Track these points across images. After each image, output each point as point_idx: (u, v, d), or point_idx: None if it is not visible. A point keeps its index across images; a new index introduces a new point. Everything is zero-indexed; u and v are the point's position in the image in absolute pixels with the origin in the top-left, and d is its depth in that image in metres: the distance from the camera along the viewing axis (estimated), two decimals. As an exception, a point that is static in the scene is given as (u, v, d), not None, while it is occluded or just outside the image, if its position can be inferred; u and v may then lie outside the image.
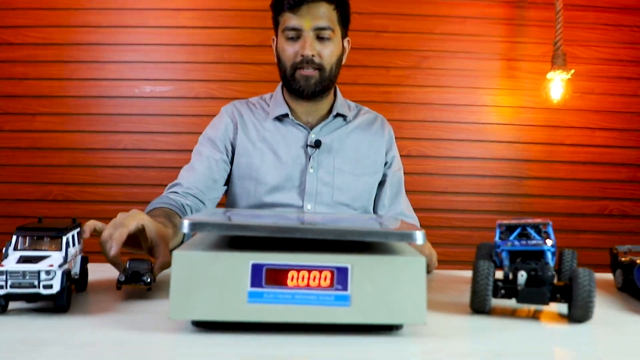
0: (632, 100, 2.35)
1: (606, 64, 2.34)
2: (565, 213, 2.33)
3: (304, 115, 1.41)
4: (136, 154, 2.32)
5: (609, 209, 2.35)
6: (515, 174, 2.34)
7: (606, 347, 0.66)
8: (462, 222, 2.32)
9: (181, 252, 0.65)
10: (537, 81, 2.26)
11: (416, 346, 0.64)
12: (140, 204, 2.29)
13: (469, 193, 2.33)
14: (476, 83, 2.32)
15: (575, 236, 2.32)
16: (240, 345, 0.62)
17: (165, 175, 2.28)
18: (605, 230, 2.35)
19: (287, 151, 1.37)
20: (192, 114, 2.28)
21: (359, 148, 1.41)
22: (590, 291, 0.73)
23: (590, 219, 2.35)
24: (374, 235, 0.65)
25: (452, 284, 1.01)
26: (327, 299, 0.64)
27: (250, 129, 1.40)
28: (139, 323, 0.70)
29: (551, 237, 0.83)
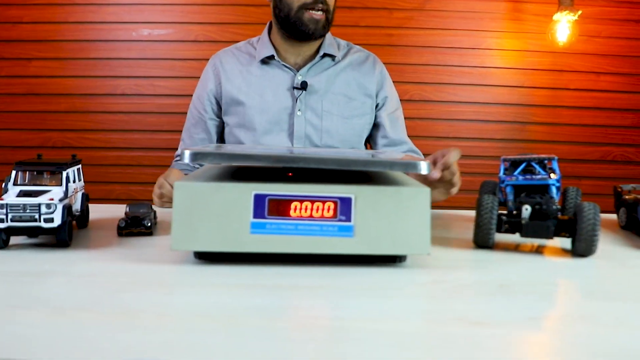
0: (638, 44, 2.30)
1: (614, 5, 2.28)
2: (568, 159, 2.31)
3: (292, 56, 1.38)
4: (135, 99, 2.29)
5: (612, 155, 2.34)
6: (518, 119, 2.31)
7: (609, 279, 0.66)
8: (464, 167, 2.28)
9: (183, 182, 0.64)
10: (542, 24, 2.20)
11: (420, 277, 0.64)
12: (141, 150, 2.28)
13: (471, 138, 2.31)
14: (480, 25, 2.27)
15: (578, 182, 2.31)
16: (242, 276, 0.62)
17: (165, 121, 2.26)
18: (608, 176, 2.34)
19: (273, 94, 1.35)
20: (191, 57, 2.24)
21: (348, 89, 1.38)
22: (594, 224, 0.72)
23: (593, 164, 2.34)
24: (379, 164, 0.64)
25: (456, 222, 1.00)
26: (331, 229, 0.64)
27: (235, 77, 1.38)
28: (142, 256, 0.70)
29: (556, 172, 0.82)
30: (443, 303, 0.54)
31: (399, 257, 0.67)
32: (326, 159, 0.63)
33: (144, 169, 2.30)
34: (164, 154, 2.23)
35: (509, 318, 0.50)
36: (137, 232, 0.83)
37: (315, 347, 0.43)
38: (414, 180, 0.74)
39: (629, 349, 0.44)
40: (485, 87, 2.29)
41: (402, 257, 0.68)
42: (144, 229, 0.83)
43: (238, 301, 0.53)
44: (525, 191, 0.80)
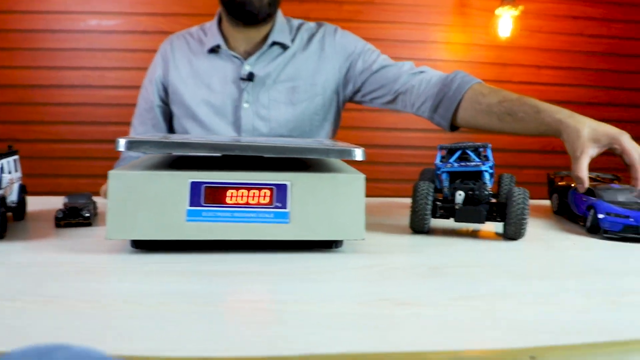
0: (578, 40, 2.39)
1: (554, 2, 2.36)
2: (511, 149, 2.38)
3: (242, 44, 1.32)
4: (83, 91, 2.25)
5: (552, 145, 2.42)
6: (465, 111, 2.36)
7: (536, 260, 0.69)
8: (412, 157, 2.35)
9: (117, 172, 0.64)
10: (487, 18, 2.26)
11: (354, 261, 0.65)
12: (90, 143, 2.24)
13: (419, 129, 2.35)
14: (428, 19, 2.31)
15: (519, 171, 2.38)
16: (178, 263, 0.62)
17: (115, 113, 2.23)
18: (548, 165, 2.41)
19: (220, 86, 1.30)
20: (140, 48, 2.21)
21: (298, 73, 1.31)
22: (523, 208, 0.76)
23: (534, 154, 2.41)
24: (314, 152, 0.65)
25: (396, 209, 1.03)
26: (267, 216, 0.65)
27: (183, 65, 1.34)
28: (79, 246, 0.70)
29: (489, 158, 0.85)
30: (373, 286, 0.56)
31: (335, 242, 0.69)
32: (262, 146, 0.64)
33: (93, 162, 2.26)
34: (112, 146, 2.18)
35: (434, 298, 0.52)
36: (75, 223, 0.82)
37: (249, 331, 0.43)
38: (348, 165, 0.76)
39: (547, 324, 0.46)
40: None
41: (338, 243, 0.69)
42: (83, 219, 0.82)
43: (172, 288, 0.54)
44: (460, 178, 0.83)
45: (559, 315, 0.49)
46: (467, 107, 1.16)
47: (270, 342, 0.41)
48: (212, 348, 0.40)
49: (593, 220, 0.85)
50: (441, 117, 1.21)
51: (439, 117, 1.21)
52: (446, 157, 0.87)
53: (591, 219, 0.85)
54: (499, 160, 0.87)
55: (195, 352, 0.39)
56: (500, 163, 0.87)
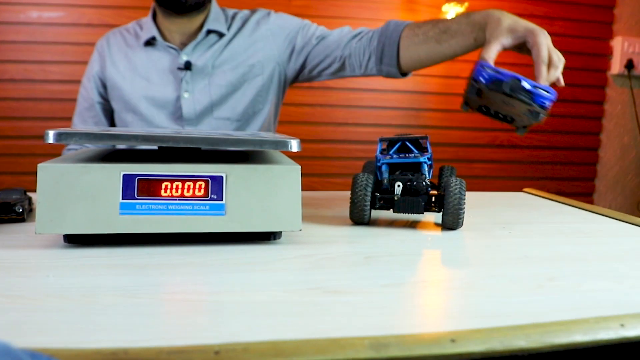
0: (523, 35, 2.45)
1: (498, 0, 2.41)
2: (460, 143, 2.43)
3: (177, 35, 1.31)
4: (25, 85, 2.17)
5: (499, 140, 2.48)
6: (413, 106, 2.40)
7: (470, 249, 0.71)
8: (363, 152, 2.37)
9: (47, 164, 0.62)
10: (434, 14, 2.29)
11: (290, 252, 0.66)
12: (32, 139, 2.17)
13: (369, 124, 2.37)
14: (377, 15, 2.32)
15: (469, 165, 2.44)
16: (112, 257, 0.61)
17: (58, 108, 2.16)
18: (496, 159, 2.48)
19: (159, 77, 1.30)
20: (84, 42, 2.15)
21: (234, 57, 1.32)
22: (460, 199, 0.77)
23: (482, 149, 2.47)
24: (248, 143, 0.65)
25: (339, 202, 1.03)
26: (202, 208, 0.64)
27: (120, 60, 1.34)
28: (7, 242, 0.68)
29: (428, 150, 0.86)
30: (305, 275, 0.56)
31: (274, 234, 0.69)
32: (196, 138, 0.64)
33: (37, 159, 2.17)
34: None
35: (364, 286, 0.53)
36: (7, 219, 0.80)
37: (174, 320, 0.43)
38: (286, 157, 0.76)
39: (470, 309, 0.48)
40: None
41: (277, 235, 0.69)
42: (15, 215, 0.80)
43: (99, 281, 0.53)
44: (400, 169, 0.84)
45: (484, 300, 0.50)
46: (407, 45, 1.18)
47: (194, 331, 0.41)
48: (136, 339, 0.39)
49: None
50: (388, 65, 1.22)
51: (386, 67, 1.23)
52: (387, 149, 0.88)
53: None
54: (448, 155, 0.88)
55: (118, 342, 0.39)
56: (450, 157, 0.89)
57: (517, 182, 2.47)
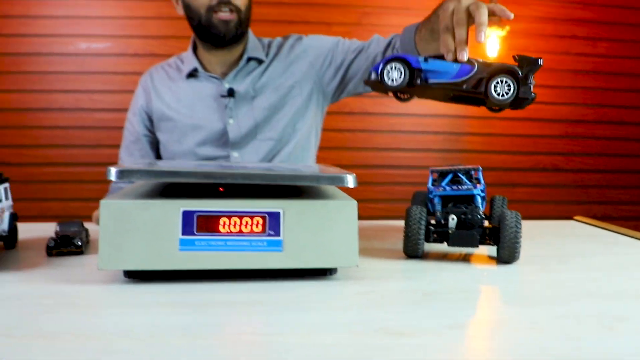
0: (564, 58, 2.42)
1: (540, 22, 2.39)
2: (502, 167, 2.40)
3: (218, 66, 1.37)
4: (73, 114, 2.24)
5: (542, 164, 2.44)
6: (454, 130, 2.38)
7: (529, 285, 0.69)
8: (403, 177, 2.36)
9: (109, 201, 0.64)
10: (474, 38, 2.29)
11: (348, 288, 0.65)
12: (80, 166, 2.23)
13: (409, 149, 2.36)
14: (417, 40, 2.33)
15: (511, 190, 2.40)
16: (172, 294, 0.62)
17: (105, 135, 2.22)
18: (539, 183, 2.44)
19: (203, 106, 1.34)
20: (131, 71, 2.21)
21: (275, 80, 1.36)
22: (516, 232, 0.76)
23: (525, 173, 2.43)
24: (305, 179, 0.66)
25: (389, 233, 1.03)
26: (260, 244, 0.64)
27: (165, 92, 1.39)
28: (70, 276, 0.69)
29: (481, 182, 0.85)
30: (367, 314, 0.56)
31: (329, 269, 0.69)
32: (253, 174, 0.64)
33: (84, 185, 2.25)
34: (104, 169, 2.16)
35: (429, 328, 0.52)
36: (67, 252, 0.81)
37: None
38: (342, 192, 0.76)
39: (540, 350, 0.46)
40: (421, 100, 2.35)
41: (332, 270, 0.69)
42: (74, 248, 0.81)
43: (164, 320, 0.53)
44: (453, 201, 0.83)
45: (553, 343, 0.49)
46: (421, 48, 1.16)
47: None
48: (207, 384, 0.39)
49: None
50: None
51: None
52: (438, 180, 0.87)
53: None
54: (490, 179, 0.87)
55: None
56: (491, 182, 0.88)
57: (562, 207, 2.42)
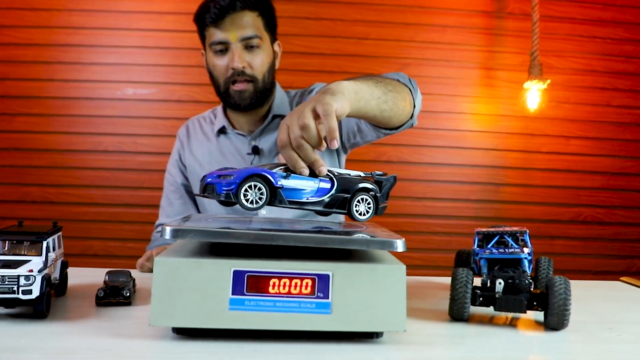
0: (605, 110, 2.40)
1: (580, 74, 2.38)
2: (541, 219, 2.36)
3: (246, 124, 1.39)
4: (117, 156, 2.30)
5: (583, 216, 2.40)
6: (492, 181, 2.37)
7: (581, 355, 0.68)
8: (440, 227, 2.34)
9: (163, 258, 0.65)
10: (514, 90, 2.29)
11: (396, 353, 0.65)
12: (120, 207, 2.28)
13: (447, 199, 2.35)
14: (455, 91, 2.35)
15: (551, 242, 2.36)
16: (221, 353, 0.62)
17: (146, 178, 2.27)
18: (579, 236, 2.39)
19: (232, 162, 1.37)
20: (174, 116, 2.27)
21: None
22: (565, 299, 0.75)
23: (564, 225, 2.39)
24: (356, 243, 0.66)
25: (431, 291, 1.02)
26: (309, 306, 0.65)
27: (197, 147, 1.43)
28: (119, 329, 0.70)
29: (528, 245, 0.84)
30: (417, 384, 0.55)
31: (376, 333, 0.69)
32: (304, 237, 0.65)
33: (124, 225, 2.29)
34: (144, 210, 2.23)
35: (481, 401, 0.51)
36: (115, 302, 0.83)
37: None
38: (390, 255, 0.76)
39: None
40: (460, 150, 2.35)
41: (379, 334, 0.69)
42: (123, 298, 0.83)
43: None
44: (499, 264, 0.82)
45: None
46: None
47: None
48: None
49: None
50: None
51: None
52: (483, 241, 0.86)
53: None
54: (530, 231, 0.87)
55: None
56: (530, 233, 0.87)
57: (603, 260, 2.36)
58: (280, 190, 0.68)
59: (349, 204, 0.72)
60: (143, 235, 1.67)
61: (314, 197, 0.70)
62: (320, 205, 0.71)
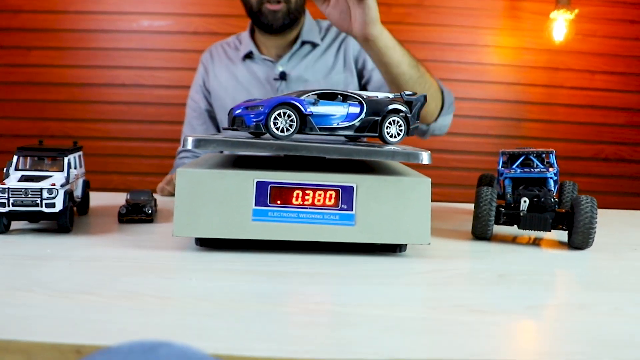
0: (633, 44, 2.32)
1: (609, 5, 2.29)
2: (562, 156, 2.31)
3: (273, 48, 1.39)
4: (134, 90, 2.29)
5: (605, 153, 2.36)
6: (514, 116, 2.33)
7: (605, 271, 0.67)
8: (459, 162, 2.32)
9: (185, 169, 0.64)
10: (539, 22, 2.22)
11: (419, 265, 0.64)
12: (139, 141, 2.28)
13: (467, 134, 2.32)
14: (478, 22, 2.28)
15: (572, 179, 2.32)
16: (243, 262, 0.62)
17: (164, 112, 2.26)
18: (601, 173, 2.36)
19: (258, 88, 1.37)
20: (191, 49, 2.24)
21: (328, 69, 1.38)
22: (592, 217, 0.73)
23: (586, 162, 2.35)
24: (380, 154, 0.65)
25: (454, 214, 1.01)
26: (332, 218, 0.64)
27: (222, 72, 1.42)
28: (142, 242, 0.71)
29: (554, 165, 0.83)
30: (442, 291, 0.55)
31: (399, 246, 0.68)
32: (329, 148, 0.64)
33: (143, 160, 2.31)
34: (162, 144, 2.23)
35: (508, 306, 0.51)
36: (137, 219, 0.83)
37: (317, 331, 0.43)
38: (413, 170, 0.75)
39: (627, 336, 0.45)
40: (481, 84, 2.30)
41: (402, 247, 0.68)
42: (145, 215, 0.83)
43: (239, 286, 0.54)
44: (524, 184, 0.81)
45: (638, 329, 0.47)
46: None
47: (349, 344, 0.41)
48: (285, 349, 0.40)
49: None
50: None
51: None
52: (508, 162, 0.85)
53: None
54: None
55: (276, 352, 0.39)
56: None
57: (625, 198, 2.34)
58: (309, 118, 0.67)
59: (380, 127, 0.70)
60: (162, 169, 1.67)
61: (344, 122, 0.69)
62: (351, 130, 0.69)
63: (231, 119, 0.70)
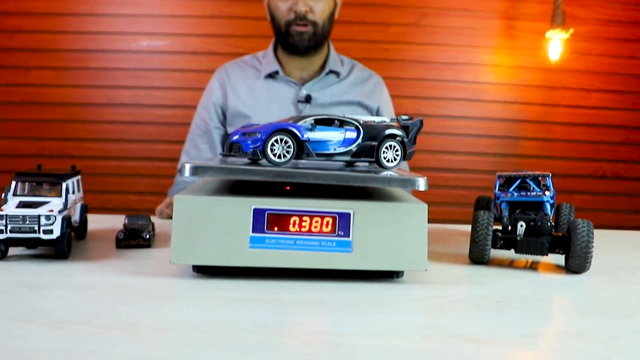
0: (628, 62, 2.33)
1: (604, 24, 2.31)
2: (560, 174, 2.33)
3: (297, 71, 1.43)
4: (133, 110, 2.29)
5: (602, 171, 2.36)
6: (511, 134, 2.33)
7: (603, 295, 0.67)
8: (457, 181, 2.32)
9: (183, 196, 0.65)
10: (535, 41, 2.23)
11: (416, 292, 0.65)
12: (138, 160, 2.29)
13: (464, 152, 2.33)
14: (474, 42, 2.29)
15: (569, 197, 2.33)
16: (240, 290, 0.62)
17: (163, 131, 2.27)
18: (599, 191, 2.36)
19: (279, 108, 1.38)
20: (189, 69, 2.25)
21: (351, 107, 1.42)
22: (588, 242, 0.74)
23: (583, 179, 2.36)
24: (377, 181, 0.65)
25: (451, 237, 1.01)
26: (329, 245, 0.65)
27: (241, 89, 1.42)
28: (140, 268, 0.71)
29: (550, 189, 0.83)
30: (439, 319, 0.55)
31: (396, 272, 0.68)
32: (326, 175, 0.64)
33: (142, 179, 2.30)
34: (161, 164, 2.23)
35: (504, 335, 0.51)
36: (135, 244, 0.83)
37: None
38: (411, 195, 0.75)
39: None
40: (478, 103, 2.31)
41: (399, 273, 0.68)
42: (142, 241, 0.83)
43: (237, 316, 0.54)
44: (520, 207, 0.81)
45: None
46: None
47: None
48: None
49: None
50: None
51: None
52: (504, 185, 0.85)
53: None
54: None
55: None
56: None
57: (622, 216, 2.34)
58: (306, 144, 0.67)
59: (377, 152, 0.71)
60: (161, 189, 1.67)
61: (341, 147, 0.69)
62: (348, 155, 0.70)
63: (228, 145, 0.71)
